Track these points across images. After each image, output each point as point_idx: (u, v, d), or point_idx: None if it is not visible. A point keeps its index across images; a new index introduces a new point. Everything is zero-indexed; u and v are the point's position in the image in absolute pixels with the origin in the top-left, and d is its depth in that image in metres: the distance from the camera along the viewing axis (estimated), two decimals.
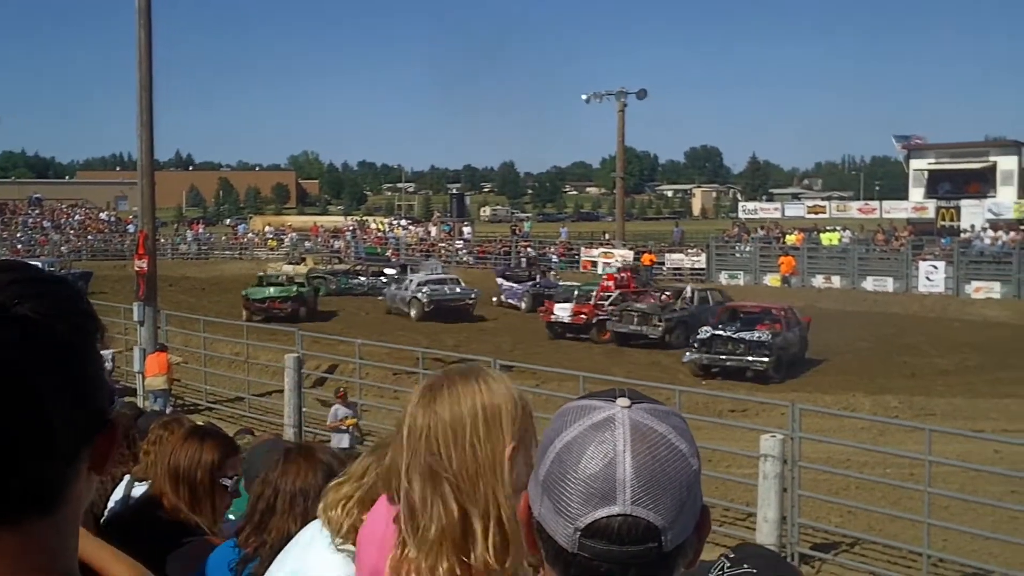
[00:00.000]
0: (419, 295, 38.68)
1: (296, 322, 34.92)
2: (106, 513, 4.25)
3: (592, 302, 33.99)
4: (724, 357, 26.46)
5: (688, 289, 34.45)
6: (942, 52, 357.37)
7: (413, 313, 38.43)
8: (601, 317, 32.70)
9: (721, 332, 26.89)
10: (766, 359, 26.06)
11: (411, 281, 40.18)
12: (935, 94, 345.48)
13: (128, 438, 5.04)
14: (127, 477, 4.69)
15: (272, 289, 39.32)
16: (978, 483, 14.87)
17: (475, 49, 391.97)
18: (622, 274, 39.11)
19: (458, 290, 39.91)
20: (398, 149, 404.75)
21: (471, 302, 39.35)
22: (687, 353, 27.17)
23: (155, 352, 21.61)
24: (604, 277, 40.10)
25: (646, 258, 50.76)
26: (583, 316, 33.09)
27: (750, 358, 26.19)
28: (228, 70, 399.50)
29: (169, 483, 3.67)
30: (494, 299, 42.25)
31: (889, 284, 44.72)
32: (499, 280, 43.83)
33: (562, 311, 34.03)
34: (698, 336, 27.15)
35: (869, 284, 45.18)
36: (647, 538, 1.26)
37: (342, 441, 17.13)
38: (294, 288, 39.72)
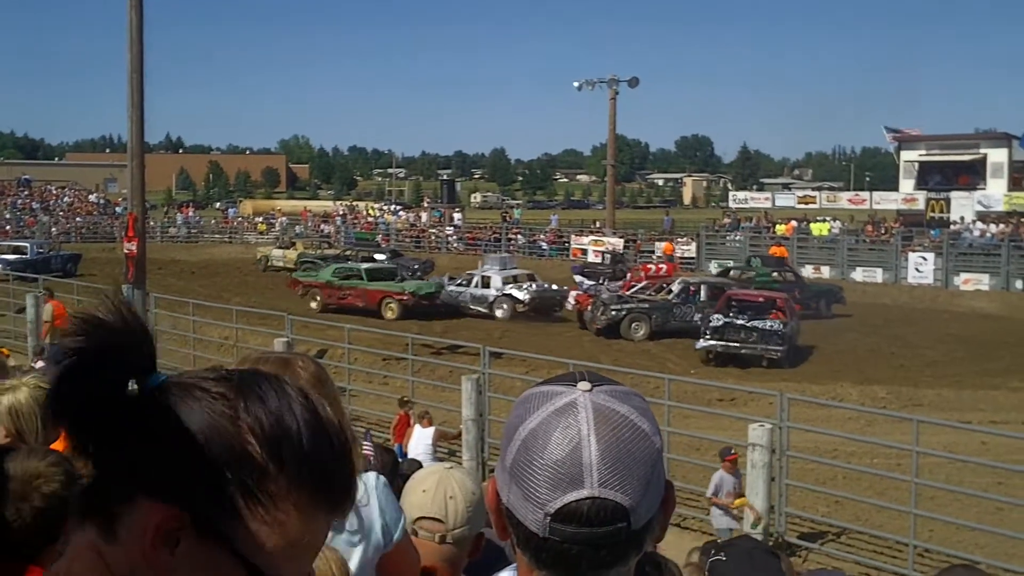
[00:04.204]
0: (516, 293, 34.69)
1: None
2: None
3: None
4: (738, 345, 26.56)
5: (678, 281, 33.62)
6: (934, 45, 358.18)
7: (500, 313, 34.28)
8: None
9: (733, 320, 27.01)
10: (780, 347, 26.30)
11: (489, 278, 35.57)
12: (926, 86, 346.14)
13: None
14: None
15: (410, 284, 35.50)
16: (964, 474, 14.94)
17: (469, 34, 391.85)
18: (659, 266, 38.73)
19: (554, 287, 36.27)
20: (389, 134, 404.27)
21: (563, 299, 35.46)
22: (700, 340, 27.20)
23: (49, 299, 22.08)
24: (640, 267, 39.65)
25: (668, 247, 49.89)
26: (579, 305, 33.01)
27: (764, 346, 26.39)
28: (219, 53, 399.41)
29: None
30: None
31: (878, 275, 44.75)
32: (577, 278, 39.61)
33: (571, 299, 34.04)
34: (710, 324, 27.17)
35: (859, 275, 45.17)
36: (616, 519, 1.30)
37: (722, 522, 12.98)
38: (430, 284, 36.08)
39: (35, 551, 2.82)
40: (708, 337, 26.95)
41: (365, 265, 37.25)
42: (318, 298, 34.90)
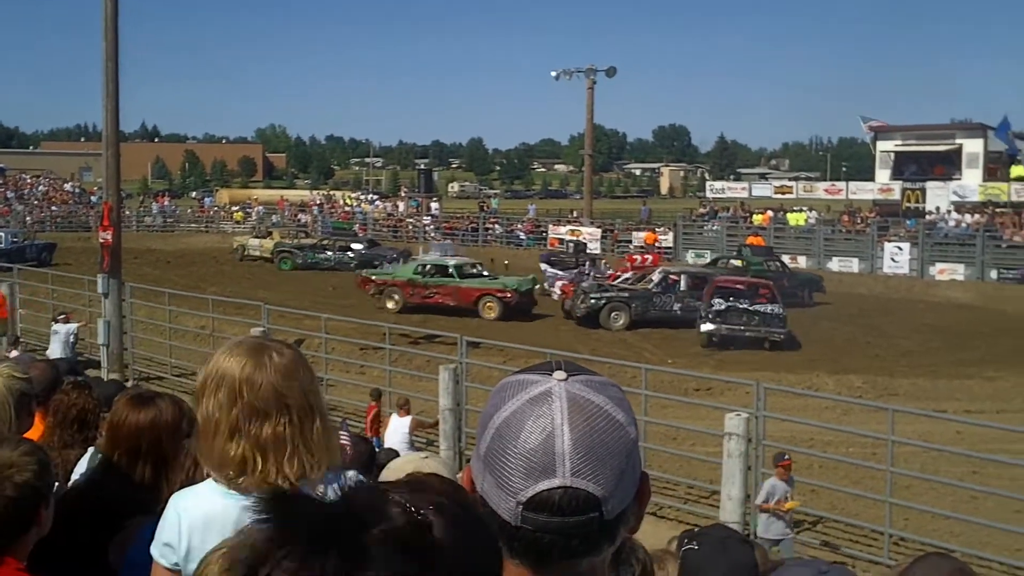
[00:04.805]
0: None
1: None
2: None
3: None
4: (742, 328, 27.28)
5: (658, 271, 33.57)
6: (910, 35, 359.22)
7: None
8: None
9: (735, 304, 27.57)
10: (782, 329, 27.37)
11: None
12: (903, 76, 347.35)
13: (87, 412, 4.91)
14: (91, 450, 4.62)
15: (510, 280, 33.58)
16: (939, 463, 15.02)
17: (447, 24, 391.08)
18: (644, 256, 38.83)
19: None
20: (366, 123, 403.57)
21: None
22: (702, 324, 27.69)
23: None
24: (627, 257, 39.73)
25: (649, 237, 49.87)
26: (564, 296, 33.07)
27: (767, 328, 27.30)
28: (196, 41, 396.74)
29: (128, 453, 3.46)
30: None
31: (854, 265, 44.96)
32: (543, 266, 39.33)
33: (556, 290, 34.17)
34: (712, 308, 27.64)
35: (835, 265, 45.35)
36: (588, 508, 1.30)
37: (773, 529, 12.38)
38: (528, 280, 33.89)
39: (7, 541, 2.79)
40: (710, 320, 27.49)
41: (452, 261, 35.44)
42: (395, 297, 33.17)
